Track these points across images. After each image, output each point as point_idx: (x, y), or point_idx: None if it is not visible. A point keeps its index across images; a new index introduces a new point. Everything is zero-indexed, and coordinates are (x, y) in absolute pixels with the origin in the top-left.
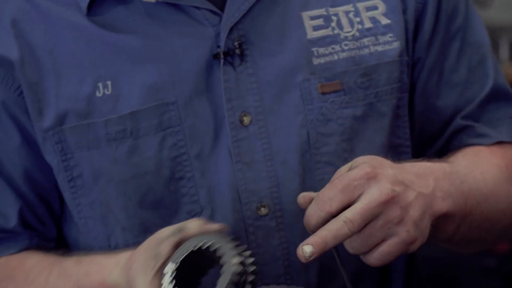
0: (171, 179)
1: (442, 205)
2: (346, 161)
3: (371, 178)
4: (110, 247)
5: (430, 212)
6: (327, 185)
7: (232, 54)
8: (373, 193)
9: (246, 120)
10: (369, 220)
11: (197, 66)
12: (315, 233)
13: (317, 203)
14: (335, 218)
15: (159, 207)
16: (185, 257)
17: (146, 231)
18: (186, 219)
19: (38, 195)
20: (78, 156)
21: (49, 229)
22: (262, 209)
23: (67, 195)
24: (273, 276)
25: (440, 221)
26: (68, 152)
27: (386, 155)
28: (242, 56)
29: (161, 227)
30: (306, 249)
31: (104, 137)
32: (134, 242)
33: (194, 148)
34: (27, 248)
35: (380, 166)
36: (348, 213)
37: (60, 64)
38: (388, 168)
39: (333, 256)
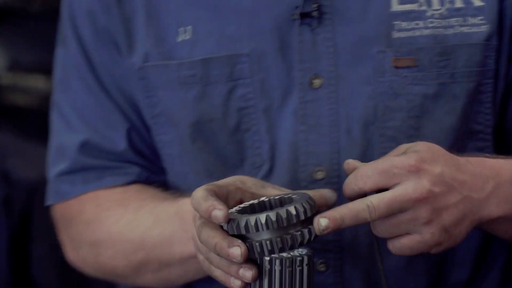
0: (236, 129)
1: (493, 211)
2: (410, 138)
3: (412, 171)
4: (189, 186)
5: (473, 217)
6: (372, 162)
7: (311, 16)
8: (408, 187)
9: (317, 83)
10: (395, 212)
11: (275, 23)
12: (336, 208)
13: (355, 176)
14: (360, 199)
15: (223, 155)
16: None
17: (211, 176)
18: (250, 170)
19: (143, 122)
20: (158, 95)
21: (156, 159)
22: (319, 173)
23: (152, 132)
24: (322, 242)
25: (495, 224)
26: (151, 89)
27: (456, 139)
28: (320, 19)
29: (224, 176)
30: (322, 222)
31: (176, 80)
32: (200, 184)
33: (263, 102)
34: (137, 180)
35: (431, 160)
36: (374, 199)
37: (151, 5)
38: (439, 165)
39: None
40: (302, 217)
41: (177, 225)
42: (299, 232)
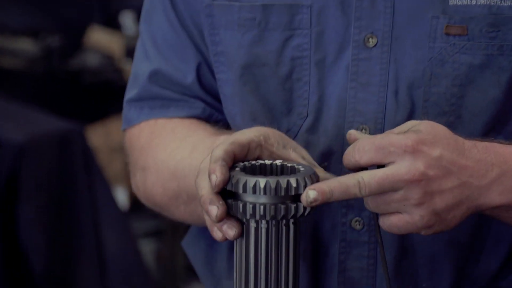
0: (287, 78)
1: (495, 199)
2: (453, 106)
3: (409, 151)
4: (236, 127)
5: (471, 204)
6: (372, 137)
7: None
8: (401, 167)
9: (371, 41)
10: (386, 190)
11: None
12: (326, 181)
13: (353, 148)
14: (352, 174)
15: (271, 102)
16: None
17: (254, 121)
18: (295, 120)
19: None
20: (220, 34)
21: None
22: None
23: (214, 69)
24: (359, 199)
25: (498, 211)
26: (215, 27)
27: (498, 111)
28: None
29: (269, 122)
30: (310, 194)
31: (236, 21)
32: (245, 126)
33: (317, 55)
34: (199, 116)
35: (431, 142)
36: (366, 175)
37: None
38: (438, 148)
39: None
40: (301, 190)
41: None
42: (295, 205)
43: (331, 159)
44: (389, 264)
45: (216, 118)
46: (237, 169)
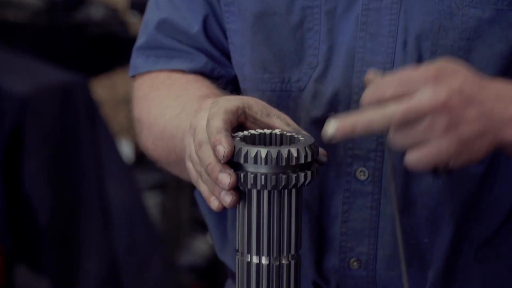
0: (298, 27)
1: None
2: (459, 59)
3: (430, 81)
4: (243, 77)
5: (494, 136)
6: (392, 74)
7: None
8: (424, 95)
9: None
10: (410, 121)
11: None
12: (347, 116)
13: (375, 86)
14: (375, 108)
15: (281, 51)
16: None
17: (265, 70)
18: (306, 70)
19: (222, 10)
20: None
21: (228, 52)
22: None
23: (224, 19)
24: (365, 150)
25: None
26: None
27: (505, 67)
28: None
29: (279, 72)
30: (329, 128)
31: None
32: (255, 77)
33: (327, 4)
34: (200, 70)
35: (451, 73)
36: (389, 108)
37: None
38: (458, 79)
39: None
40: (302, 160)
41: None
42: (295, 175)
43: (338, 109)
44: (390, 217)
45: (218, 73)
46: (237, 139)
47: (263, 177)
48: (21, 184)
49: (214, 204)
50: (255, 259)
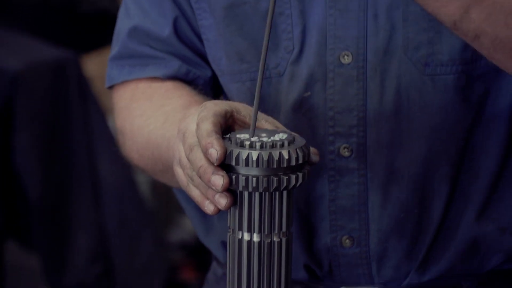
0: None
1: None
2: (431, 22)
3: None
4: (221, 72)
5: None
6: None
7: None
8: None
9: None
10: None
11: None
12: None
13: None
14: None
15: (256, 40)
16: None
17: (242, 61)
18: (283, 55)
19: (192, 10)
20: None
21: (201, 49)
22: (346, 57)
23: (196, 16)
24: (346, 126)
25: None
26: None
27: None
28: None
29: (256, 60)
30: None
31: None
32: (232, 69)
33: None
34: (175, 75)
35: None
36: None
37: None
38: None
39: None
40: (293, 162)
41: (176, 130)
42: (287, 177)
43: (314, 89)
44: (378, 191)
45: (193, 75)
46: (227, 141)
47: (254, 179)
48: (11, 160)
49: (209, 208)
50: (246, 236)
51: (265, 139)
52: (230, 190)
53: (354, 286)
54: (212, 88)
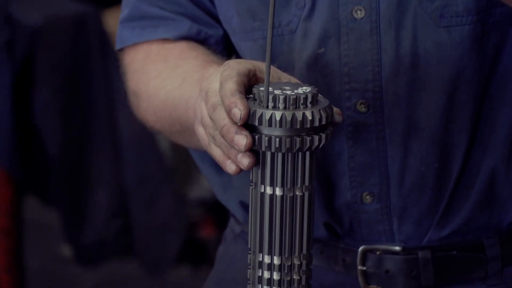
0: None
1: None
2: None
3: None
4: (232, 30)
5: None
6: None
7: None
8: None
9: None
10: None
11: None
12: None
13: None
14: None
15: None
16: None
17: (254, 18)
18: (295, 11)
19: None
20: None
21: (213, 11)
22: (359, 12)
23: None
24: (362, 82)
25: None
26: None
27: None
28: None
29: (267, 17)
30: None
31: None
32: (244, 27)
33: None
34: (187, 35)
35: None
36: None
37: None
38: None
39: None
40: (317, 123)
41: (195, 91)
42: (310, 138)
43: (327, 45)
44: (397, 145)
45: (205, 34)
46: (251, 100)
47: (277, 139)
48: (31, 115)
49: (231, 167)
50: (268, 190)
51: (288, 92)
52: (253, 150)
53: (374, 244)
54: (224, 47)
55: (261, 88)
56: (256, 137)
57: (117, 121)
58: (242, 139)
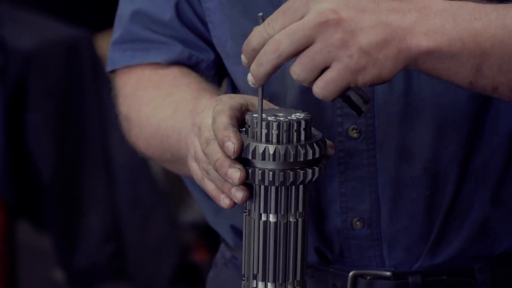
0: None
1: (421, 40)
2: None
3: (311, 0)
4: (226, 54)
5: (400, 44)
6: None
7: None
8: (310, 14)
9: None
10: (301, 44)
11: None
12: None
13: (264, 25)
14: (267, 41)
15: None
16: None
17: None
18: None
19: None
20: None
21: (204, 33)
22: None
23: (200, 1)
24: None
25: (433, 60)
26: None
27: None
28: None
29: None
30: (248, 78)
31: None
32: (238, 51)
33: None
34: (178, 59)
35: None
36: (277, 35)
37: None
38: None
39: None
40: (310, 157)
41: (187, 122)
42: (303, 171)
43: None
44: (388, 171)
45: (196, 59)
46: (243, 134)
47: (271, 173)
48: (24, 139)
49: (225, 202)
50: (262, 217)
51: (282, 118)
52: (246, 183)
53: (364, 269)
54: (216, 72)
55: (254, 115)
56: (250, 170)
57: (109, 144)
58: (235, 173)
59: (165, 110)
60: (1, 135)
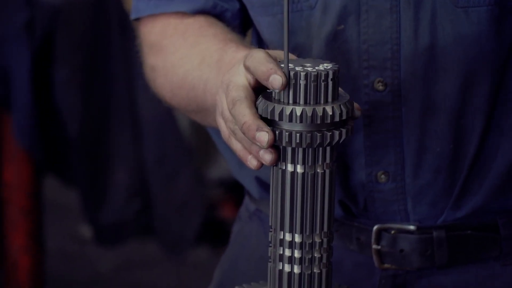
0: None
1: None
2: None
3: None
4: (251, 4)
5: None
6: None
7: None
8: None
9: None
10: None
11: None
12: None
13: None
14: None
15: None
16: None
17: None
18: None
19: None
20: None
21: None
22: None
23: None
24: (380, 60)
25: None
26: None
27: None
28: None
29: None
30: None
31: None
32: (263, 1)
33: None
34: (202, 8)
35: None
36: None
37: None
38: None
39: None
40: (337, 118)
41: (214, 73)
42: (330, 133)
43: (347, 22)
44: (413, 125)
45: (221, 8)
46: (270, 95)
47: (298, 135)
48: (51, 94)
49: (253, 163)
50: (289, 167)
51: (309, 68)
52: (275, 145)
53: (389, 223)
54: (241, 22)
55: (282, 65)
56: (277, 132)
57: (137, 100)
58: (264, 136)
59: (192, 60)
60: (28, 90)
